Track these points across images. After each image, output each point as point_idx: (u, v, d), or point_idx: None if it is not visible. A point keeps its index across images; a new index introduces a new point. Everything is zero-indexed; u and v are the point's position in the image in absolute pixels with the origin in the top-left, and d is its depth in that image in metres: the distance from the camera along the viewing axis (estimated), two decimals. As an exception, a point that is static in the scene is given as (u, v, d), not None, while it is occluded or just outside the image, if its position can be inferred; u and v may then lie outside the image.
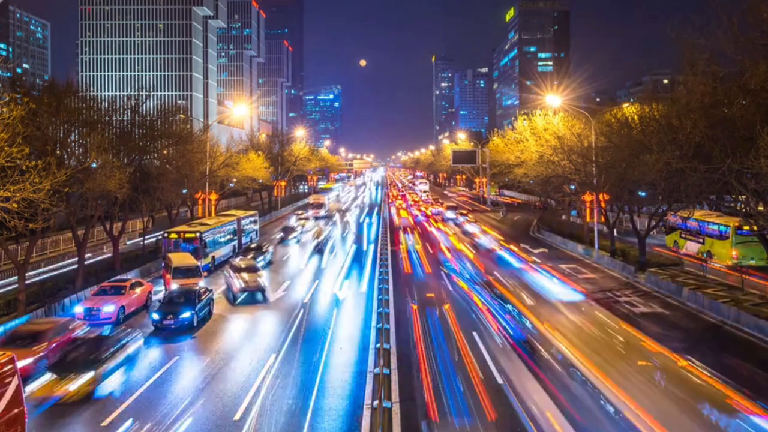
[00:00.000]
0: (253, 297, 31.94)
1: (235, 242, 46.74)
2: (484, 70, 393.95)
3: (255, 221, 55.09)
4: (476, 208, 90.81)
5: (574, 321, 26.28)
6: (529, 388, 18.38)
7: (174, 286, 29.77)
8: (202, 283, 30.35)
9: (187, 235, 38.37)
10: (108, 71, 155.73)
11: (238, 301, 31.53)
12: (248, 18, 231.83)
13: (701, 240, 41.09)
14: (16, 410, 14.14)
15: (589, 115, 47.34)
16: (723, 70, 27.82)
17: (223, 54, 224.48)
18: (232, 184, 70.29)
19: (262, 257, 40.97)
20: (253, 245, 44.81)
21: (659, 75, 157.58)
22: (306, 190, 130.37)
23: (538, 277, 35.83)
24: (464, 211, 73.70)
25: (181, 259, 33.49)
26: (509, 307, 28.20)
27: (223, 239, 43.62)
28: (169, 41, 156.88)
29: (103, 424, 16.68)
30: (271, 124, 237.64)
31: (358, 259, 44.73)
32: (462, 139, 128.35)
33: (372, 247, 50.67)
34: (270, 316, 28.53)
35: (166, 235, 38.94)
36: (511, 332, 24.15)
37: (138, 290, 29.68)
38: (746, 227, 35.27)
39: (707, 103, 27.17)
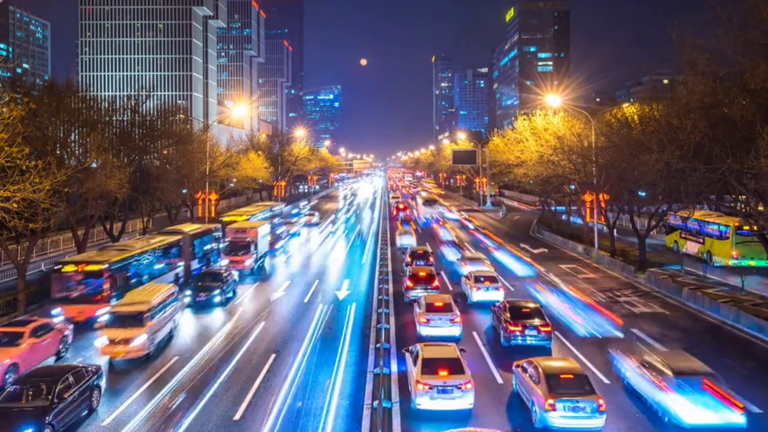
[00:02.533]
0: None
1: (180, 269, 35.10)
2: (484, 70, 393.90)
3: (216, 238, 42.04)
4: (474, 209, 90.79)
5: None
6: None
7: (102, 339, 21.55)
8: (140, 339, 21.45)
9: (90, 268, 26.96)
10: (108, 71, 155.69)
11: None
12: (248, 18, 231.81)
13: (701, 240, 41.09)
14: None
15: (589, 115, 47.34)
16: (723, 70, 27.86)
17: (223, 54, 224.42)
18: (232, 184, 70.33)
19: (219, 290, 30.18)
20: (219, 270, 33.55)
21: (659, 75, 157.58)
22: (306, 190, 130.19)
23: None
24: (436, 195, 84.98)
25: (126, 299, 24.51)
26: None
27: (156, 267, 31.92)
28: (169, 41, 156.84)
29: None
30: (271, 124, 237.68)
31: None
32: (462, 139, 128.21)
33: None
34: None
35: (58, 267, 27.16)
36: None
37: (44, 337, 21.61)
38: (746, 227, 35.25)
39: (707, 103, 27.19)
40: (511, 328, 22.28)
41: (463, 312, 26.10)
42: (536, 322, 22.47)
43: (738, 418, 15.28)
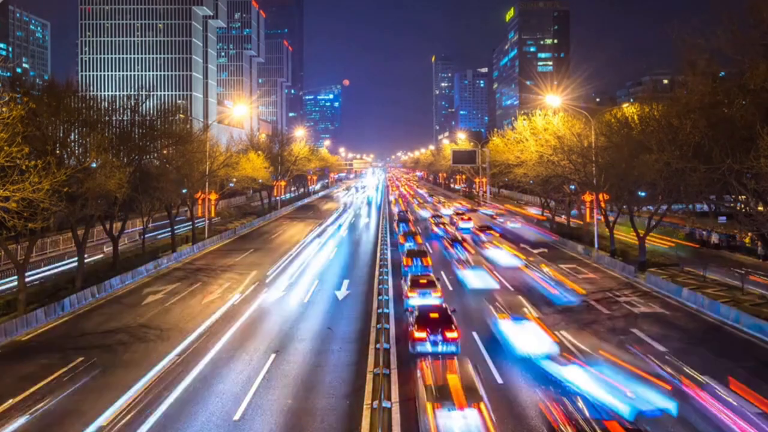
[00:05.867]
0: None
1: None
2: (484, 70, 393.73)
3: None
4: (474, 209, 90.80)
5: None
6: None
7: None
8: None
9: None
10: (108, 71, 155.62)
11: None
12: (248, 18, 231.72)
13: None
14: None
15: (589, 115, 47.34)
16: (723, 70, 27.91)
17: (223, 54, 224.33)
18: (232, 184, 70.28)
19: None
20: None
21: (659, 75, 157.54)
22: (306, 190, 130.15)
23: None
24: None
25: None
26: None
27: None
28: (169, 41, 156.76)
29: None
30: (271, 124, 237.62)
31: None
32: (462, 139, 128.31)
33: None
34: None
35: None
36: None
37: None
38: None
39: (707, 103, 27.23)
40: None
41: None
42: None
43: None
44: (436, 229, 61.01)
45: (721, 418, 16.37)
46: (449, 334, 21.02)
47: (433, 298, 27.92)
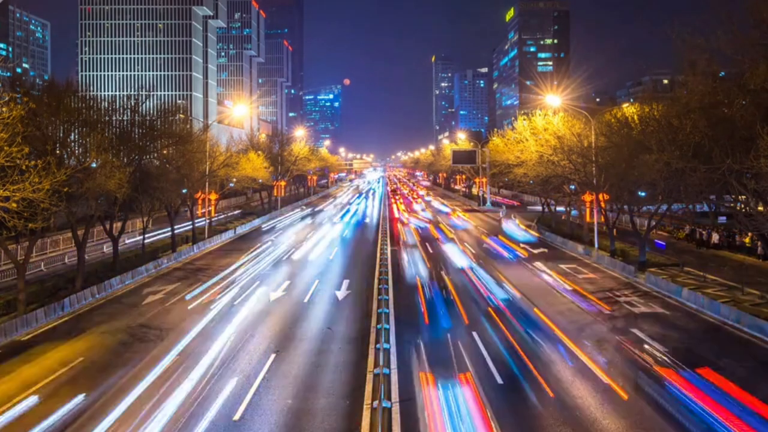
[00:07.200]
0: None
1: None
2: (484, 70, 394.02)
3: None
4: (474, 209, 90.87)
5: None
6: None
7: None
8: None
9: None
10: (108, 71, 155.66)
11: None
12: (248, 18, 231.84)
13: None
14: None
15: (589, 115, 47.36)
16: (723, 70, 27.93)
17: (223, 54, 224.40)
18: (232, 184, 70.30)
19: None
20: None
21: (659, 75, 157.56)
22: (306, 191, 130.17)
23: None
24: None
25: None
26: None
27: None
28: (169, 41, 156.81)
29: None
30: (271, 123, 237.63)
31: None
32: (462, 139, 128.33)
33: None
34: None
35: None
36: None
37: None
38: None
39: (707, 103, 27.23)
40: None
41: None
42: None
43: None
44: None
45: None
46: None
47: None
